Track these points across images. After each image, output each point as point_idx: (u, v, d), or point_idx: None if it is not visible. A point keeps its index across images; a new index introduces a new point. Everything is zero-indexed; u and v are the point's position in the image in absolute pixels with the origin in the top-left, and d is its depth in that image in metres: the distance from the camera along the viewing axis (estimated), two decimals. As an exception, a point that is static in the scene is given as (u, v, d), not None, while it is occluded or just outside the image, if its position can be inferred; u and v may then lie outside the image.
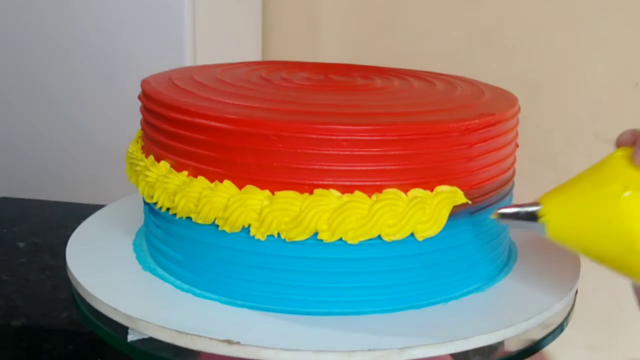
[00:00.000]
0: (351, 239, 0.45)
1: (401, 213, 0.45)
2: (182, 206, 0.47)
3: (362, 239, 0.45)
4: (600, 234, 0.42)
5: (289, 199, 0.45)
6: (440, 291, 0.49)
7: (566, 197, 0.43)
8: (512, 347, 0.50)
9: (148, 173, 0.51)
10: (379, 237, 0.45)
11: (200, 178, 0.47)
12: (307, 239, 0.45)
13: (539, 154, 1.23)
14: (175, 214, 0.49)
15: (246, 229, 0.46)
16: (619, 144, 0.44)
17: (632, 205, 0.41)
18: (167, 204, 0.49)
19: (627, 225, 0.41)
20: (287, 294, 0.47)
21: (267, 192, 0.45)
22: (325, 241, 0.45)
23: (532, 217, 0.44)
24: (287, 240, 0.45)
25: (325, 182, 0.45)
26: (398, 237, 0.45)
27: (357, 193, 0.45)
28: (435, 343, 0.43)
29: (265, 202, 0.45)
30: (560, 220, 0.43)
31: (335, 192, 0.45)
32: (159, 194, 0.49)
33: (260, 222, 0.45)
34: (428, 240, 0.46)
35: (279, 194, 0.45)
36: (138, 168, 0.52)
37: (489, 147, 0.49)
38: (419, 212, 0.45)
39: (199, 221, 0.47)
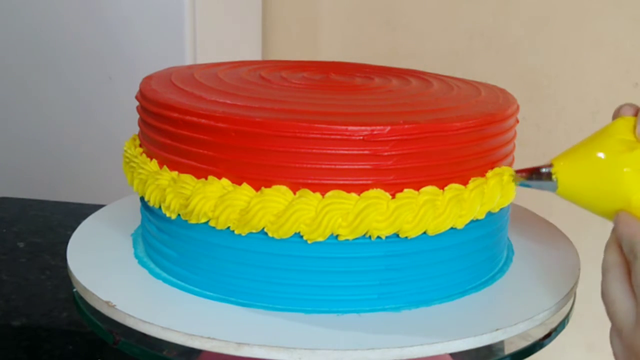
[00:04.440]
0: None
1: (392, 212, 0.45)
2: (174, 205, 0.48)
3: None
4: (601, 191, 0.46)
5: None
6: (439, 290, 0.49)
7: (573, 157, 0.47)
8: (512, 347, 0.50)
9: (141, 170, 0.51)
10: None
11: (191, 176, 0.47)
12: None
13: (539, 154, 1.23)
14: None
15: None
16: (618, 115, 0.46)
17: (627, 164, 0.45)
18: (159, 202, 0.49)
19: (623, 183, 0.45)
20: (286, 293, 0.47)
21: (265, 190, 0.45)
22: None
23: (545, 175, 0.48)
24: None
25: (327, 182, 0.45)
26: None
27: (341, 193, 0.45)
28: (434, 342, 0.43)
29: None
30: (568, 178, 0.47)
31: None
32: (151, 190, 0.50)
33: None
34: (426, 239, 0.46)
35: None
36: (133, 164, 0.53)
37: (486, 146, 0.49)
38: (407, 212, 0.45)
39: (193, 221, 0.47)
